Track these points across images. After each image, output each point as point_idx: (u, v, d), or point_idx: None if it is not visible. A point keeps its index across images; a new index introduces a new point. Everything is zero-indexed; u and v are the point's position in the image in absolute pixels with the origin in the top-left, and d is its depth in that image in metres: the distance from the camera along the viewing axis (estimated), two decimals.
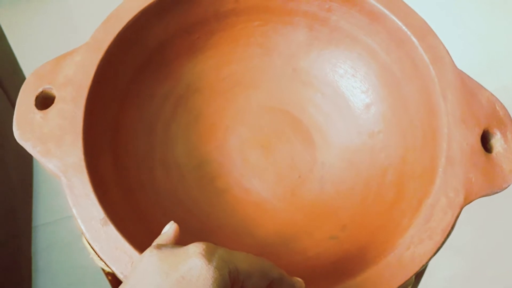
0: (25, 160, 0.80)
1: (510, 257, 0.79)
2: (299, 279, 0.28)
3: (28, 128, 0.33)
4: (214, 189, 0.40)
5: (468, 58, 1.12)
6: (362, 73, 0.41)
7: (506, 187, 0.32)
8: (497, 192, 0.32)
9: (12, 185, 0.68)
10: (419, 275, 0.44)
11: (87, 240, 0.34)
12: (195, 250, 0.23)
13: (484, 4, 1.15)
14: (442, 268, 0.37)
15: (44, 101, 0.34)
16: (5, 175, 0.66)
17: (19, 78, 0.77)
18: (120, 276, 0.30)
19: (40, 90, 0.34)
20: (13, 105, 0.72)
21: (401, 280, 0.29)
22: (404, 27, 0.36)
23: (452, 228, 0.31)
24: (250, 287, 0.25)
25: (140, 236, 0.32)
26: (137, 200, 0.36)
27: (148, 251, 0.24)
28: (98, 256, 0.33)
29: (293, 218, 0.39)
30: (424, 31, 0.36)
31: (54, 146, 0.32)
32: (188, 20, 0.40)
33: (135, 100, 0.39)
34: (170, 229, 0.29)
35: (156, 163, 0.39)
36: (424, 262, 0.30)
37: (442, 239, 0.30)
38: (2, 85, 0.68)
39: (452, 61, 0.35)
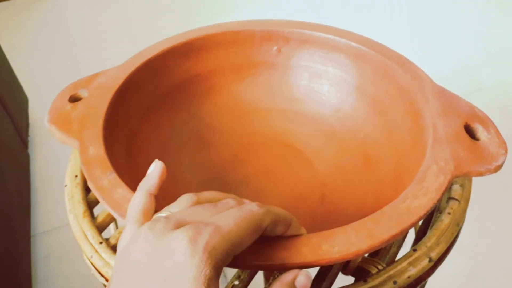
0: (22, 169, 0.77)
1: None
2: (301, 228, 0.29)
3: (58, 114, 0.38)
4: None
5: (465, 54, 1.18)
6: (356, 110, 0.46)
7: (496, 166, 0.33)
8: (488, 170, 0.33)
9: (9, 194, 0.66)
10: (423, 284, 0.39)
11: (87, 258, 0.35)
12: (179, 242, 0.22)
13: (482, 3, 1.23)
14: (446, 268, 0.35)
15: (77, 99, 0.40)
16: (2, 184, 0.65)
17: (17, 90, 0.78)
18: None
19: (75, 92, 0.40)
20: (10, 117, 0.73)
21: (397, 227, 0.29)
22: (386, 59, 0.42)
23: (444, 191, 0.31)
24: (243, 248, 0.24)
25: None
26: None
27: (142, 233, 0.24)
28: (99, 272, 0.34)
29: None
30: (402, 60, 0.42)
31: (77, 124, 0.37)
32: (207, 67, 0.48)
33: (154, 120, 0.44)
34: (155, 170, 0.30)
35: None
36: (421, 214, 0.29)
37: (437, 197, 0.30)
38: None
39: (430, 77, 0.40)
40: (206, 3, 1.48)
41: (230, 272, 0.56)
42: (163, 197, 0.38)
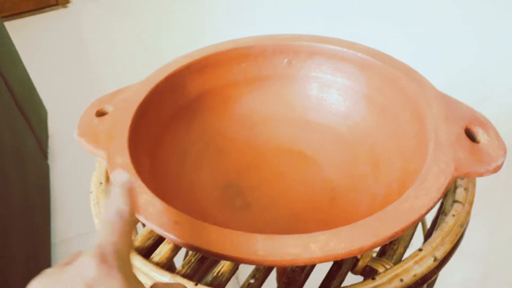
0: (43, 179, 0.80)
1: None
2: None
3: (86, 128, 0.41)
4: (232, 206, 0.43)
5: (474, 63, 1.20)
6: (364, 117, 0.48)
7: (496, 167, 0.35)
8: (488, 171, 0.35)
9: (32, 203, 0.69)
10: (430, 284, 0.41)
11: None
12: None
13: (491, 10, 1.26)
14: (454, 273, 0.36)
15: (103, 113, 0.43)
16: (26, 193, 0.67)
17: (37, 103, 0.81)
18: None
19: (101, 107, 0.44)
20: (31, 129, 0.76)
21: (400, 225, 0.31)
22: (392, 69, 0.45)
23: (445, 191, 0.33)
24: None
25: None
26: (162, 193, 0.40)
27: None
28: None
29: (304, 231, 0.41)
30: (406, 69, 0.44)
31: (104, 136, 0.40)
32: (222, 81, 0.51)
33: (174, 130, 0.47)
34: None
35: (184, 179, 0.44)
36: (422, 212, 0.31)
37: (438, 196, 0.32)
38: (21, 110, 0.74)
39: (433, 85, 0.42)
40: (220, 21, 1.53)
41: (242, 274, 0.58)
42: (182, 203, 0.41)
